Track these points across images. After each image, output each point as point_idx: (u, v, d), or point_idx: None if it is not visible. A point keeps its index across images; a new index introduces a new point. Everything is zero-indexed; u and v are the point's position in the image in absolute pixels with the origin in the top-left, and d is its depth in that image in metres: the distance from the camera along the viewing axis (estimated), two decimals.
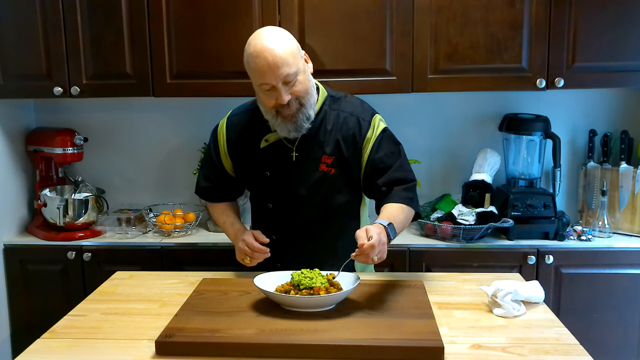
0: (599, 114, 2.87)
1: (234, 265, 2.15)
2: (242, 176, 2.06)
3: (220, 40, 2.57)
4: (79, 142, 2.83)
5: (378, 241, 1.63)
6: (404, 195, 1.90)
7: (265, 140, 1.96)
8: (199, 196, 2.20)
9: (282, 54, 1.76)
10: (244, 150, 2.01)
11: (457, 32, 2.53)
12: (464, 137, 2.92)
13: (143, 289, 1.93)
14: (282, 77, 1.77)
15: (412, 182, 1.95)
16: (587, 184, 2.82)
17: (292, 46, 1.82)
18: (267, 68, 1.76)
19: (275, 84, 1.78)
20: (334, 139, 1.94)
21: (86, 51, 2.63)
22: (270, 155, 1.97)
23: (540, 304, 1.78)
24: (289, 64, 1.78)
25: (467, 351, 1.48)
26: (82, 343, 1.56)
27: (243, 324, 1.56)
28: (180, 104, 2.96)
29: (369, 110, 2.00)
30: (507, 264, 2.55)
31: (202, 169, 2.16)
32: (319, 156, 1.94)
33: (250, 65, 1.82)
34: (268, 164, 1.98)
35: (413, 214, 1.94)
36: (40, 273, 2.71)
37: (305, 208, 1.97)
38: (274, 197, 2.00)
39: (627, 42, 2.50)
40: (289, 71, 1.78)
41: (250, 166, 2.01)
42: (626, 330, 2.58)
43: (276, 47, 1.77)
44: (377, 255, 1.64)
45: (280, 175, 1.97)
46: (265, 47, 1.77)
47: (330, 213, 1.98)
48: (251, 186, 2.07)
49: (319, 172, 1.94)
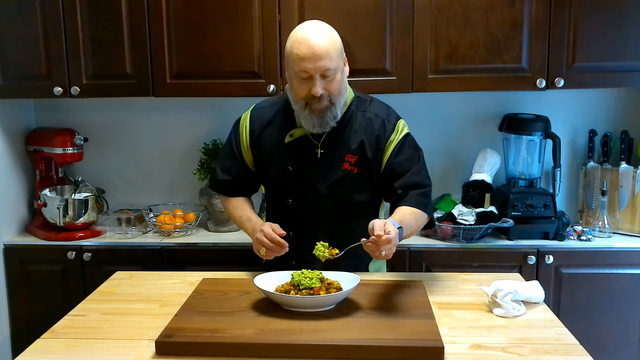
0: (599, 114, 2.87)
1: (234, 265, 2.15)
2: (263, 170, 2.05)
3: (220, 40, 2.57)
4: (79, 142, 2.83)
5: (394, 237, 1.64)
6: (419, 200, 1.90)
7: (290, 135, 1.97)
8: (214, 190, 2.18)
9: (327, 47, 1.79)
10: (267, 144, 2.01)
11: (457, 32, 2.53)
12: (464, 137, 2.92)
13: (143, 289, 1.93)
14: (322, 69, 1.79)
15: (427, 187, 1.95)
16: (587, 184, 2.82)
17: (338, 43, 1.85)
18: (310, 55, 1.78)
19: (313, 74, 1.80)
20: (359, 139, 1.95)
21: (86, 51, 2.63)
22: (295, 151, 1.97)
23: (540, 304, 1.78)
24: (332, 58, 1.80)
25: (467, 351, 1.48)
26: (82, 343, 1.56)
27: (243, 324, 1.57)
28: (180, 104, 2.96)
29: (394, 114, 2.01)
30: (507, 264, 2.55)
31: (220, 161, 2.14)
32: (343, 154, 1.95)
33: (292, 51, 1.82)
34: (291, 159, 1.97)
35: (426, 220, 1.94)
36: (40, 273, 2.71)
37: (325, 205, 1.97)
38: (295, 193, 1.99)
39: (627, 42, 2.50)
40: (330, 65, 1.80)
41: (273, 160, 2.00)
42: (626, 330, 2.58)
43: (323, 38, 1.80)
44: (387, 251, 1.63)
45: (303, 171, 1.97)
46: (312, 36, 1.80)
47: (349, 212, 1.98)
48: (272, 181, 2.05)
49: (342, 170, 1.94)
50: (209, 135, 2.93)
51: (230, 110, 2.93)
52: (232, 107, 2.91)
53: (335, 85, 1.85)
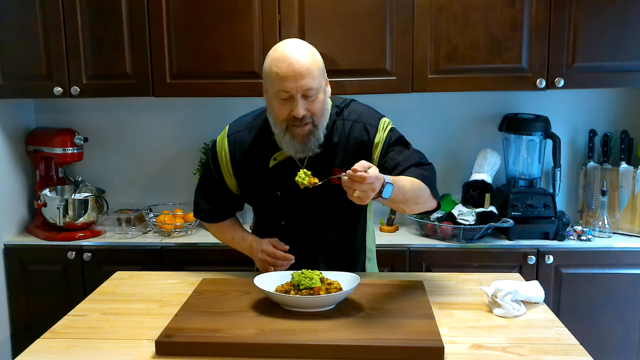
0: (599, 114, 2.87)
1: (234, 265, 2.15)
2: (249, 194, 1.98)
3: (220, 40, 2.58)
4: (79, 142, 2.83)
5: (372, 178, 1.52)
6: (417, 172, 1.79)
7: (274, 159, 1.88)
8: (198, 219, 2.10)
9: (309, 65, 1.70)
10: (251, 170, 1.92)
11: (457, 32, 2.53)
12: (464, 137, 2.92)
13: (143, 289, 1.93)
14: (304, 89, 1.70)
15: (428, 164, 1.85)
16: (587, 184, 2.82)
17: (319, 61, 1.76)
18: (291, 74, 1.69)
19: (294, 93, 1.70)
20: (342, 149, 1.87)
21: (86, 51, 2.64)
22: (280, 174, 1.88)
23: (540, 304, 1.77)
24: (314, 77, 1.71)
25: (467, 351, 1.48)
26: (82, 343, 1.55)
27: (243, 324, 1.56)
28: (180, 104, 2.96)
29: (375, 115, 1.92)
30: (507, 264, 2.55)
31: (202, 190, 2.05)
32: (330, 169, 1.85)
33: (272, 69, 1.72)
34: (278, 184, 1.89)
35: (428, 195, 1.78)
36: (40, 273, 2.71)
37: (319, 221, 1.93)
38: (287, 215, 1.94)
39: (627, 42, 2.50)
40: (312, 85, 1.71)
41: (260, 186, 1.93)
42: (626, 330, 2.58)
43: (304, 56, 1.71)
44: (360, 190, 1.52)
45: (293, 195, 1.88)
46: (293, 54, 1.71)
47: (343, 220, 1.95)
48: (261, 204, 2.00)
49: (332, 185, 1.84)
50: (209, 135, 2.93)
51: (230, 110, 2.93)
52: (232, 107, 2.92)
53: (318, 106, 1.75)
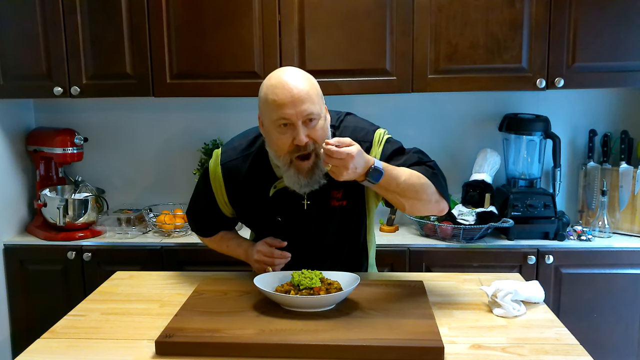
0: (599, 114, 2.87)
1: (234, 265, 2.15)
2: (247, 220, 1.96)
3: (220, 40, 2.57)
4: (79, 142, 2.83)
5: (343, 154, 1.52)
6: (420, 169, 1.75)
7: (274, 187, 1.83)
8: (195, 233, 2.10)
9: (308, 89, 1.64)
10: (249, 199, 1.87)
11: (457, 32, 2.53)
12: (464, 137, 2.92)
13: (143, 289, 1.93)
14: (304, 114, 1.62)
15: (429, 161, 1.82)
16: (587, 184, 2.82)
17: (317, 86, 1.69)
18: (289, 100, 1.61)
19: (295, 120, 1.62)
20: None
21: (86, 51, 2.64)
22: (281, 201, 1.83)
23: (540, 304, 1.77)
24: (314, 102, 1.63)
25: (467, 351, 1.48)
26: (82, 343, 1.56)
27: (243, 324, 1.56)
28: (180, 104, 2.96)
29: (368, 128, 1.84)
30: (507, 264, 2.55)
31: (196, 215, 2.03)
32: (328, 193, 1.81)
33: (268, 97, 1.64)
34: (279, 210, 1.85)
35: (429, 188, 1.73)
36: (40, 273, 2.71)
37: (321, 242, 1.91)
38: (288, 238, 1.90)
39: (627, 42, 2.50)
40: (313, 109, 1.63)
41: (259, 213, 1.89)
42: (626, 330, 2.58)
43: (301, 81, 1.65)
44: (333, 164, 1.54)
45: (294, 222, 1.86)
46: (290, 80, 1.64)
47: (344, 238, 1.93)
48: (260, 229, 1.96)
49: (331, 207, 1.83)
50: (209, 135, 2.93)
51: (230, 110, 2.95)
52: (232, 107, 2.93)
53: (320, 133, 1.66)
